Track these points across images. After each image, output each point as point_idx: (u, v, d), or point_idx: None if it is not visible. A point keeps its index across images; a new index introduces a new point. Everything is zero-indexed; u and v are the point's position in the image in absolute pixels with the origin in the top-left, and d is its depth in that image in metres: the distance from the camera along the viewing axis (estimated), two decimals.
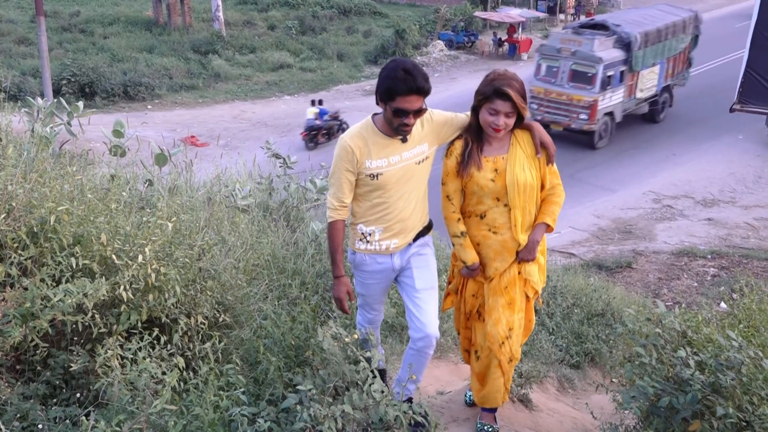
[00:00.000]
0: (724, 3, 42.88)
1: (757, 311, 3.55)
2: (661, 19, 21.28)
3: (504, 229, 3.67)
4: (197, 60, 30.15)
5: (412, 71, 3.34)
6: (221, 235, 4.18)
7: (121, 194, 3.65)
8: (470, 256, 3.74)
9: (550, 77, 20.19)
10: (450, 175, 3.69)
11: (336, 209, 3.58)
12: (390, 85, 3.35)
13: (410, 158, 3.61)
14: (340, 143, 3.56)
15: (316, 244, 5.51)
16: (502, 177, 3.59)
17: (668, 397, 2.86)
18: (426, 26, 34.68)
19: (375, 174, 3.53)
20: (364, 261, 3.72)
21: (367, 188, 3.59)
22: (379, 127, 3.55)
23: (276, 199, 6.44)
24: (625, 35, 19.53)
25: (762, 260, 12.99)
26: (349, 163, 3.51)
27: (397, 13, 40.50)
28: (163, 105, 25.65)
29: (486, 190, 3.61)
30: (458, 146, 3.66)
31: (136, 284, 3.09)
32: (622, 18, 21.70)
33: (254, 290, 3.98)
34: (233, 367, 2.97)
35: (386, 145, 3.54)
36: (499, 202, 3.64)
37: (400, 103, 3.36)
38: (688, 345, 3.05)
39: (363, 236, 3.67)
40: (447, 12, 35.37)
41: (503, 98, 3.45)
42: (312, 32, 35.72)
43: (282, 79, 29.10)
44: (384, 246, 3.68)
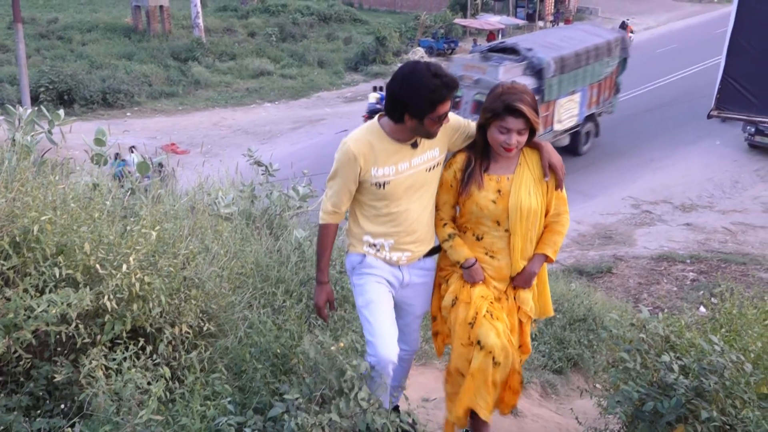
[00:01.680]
0: (700, 10, 43.54)
1: (737, 316, 3.59)
2: (582, 41, 19.28)
3: (502, 254, 3.35)
4: (177, 67, 30.09)
5: (440, 71, 3.05)
6: (205, 243, 4.16)
7: (104, 203, 3.63)
8: (463, 253, 3.37)
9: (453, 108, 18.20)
10: (444, 186, 3.39)
11: (330, 213, 3.32)
12: (431, 97, 3.02)
13: (420, 165, 3.28)
14: (342, 148, 3.21)
15: (299, 252, 5.50)
16: (504, 199, 3.26)
17: (653, 401, 2.90)
18: (406, 33, 34.87)
19: (382, 183, 3.20)
20: (375, 262, 3.35)
21: (372, 197, 3.27)
22: (387, 131, 3.21)
23: (259, 207, 6.42)
24: (537, 61, 17.58)
25: (740, 264, 13.15)
26: (352, 171, 3.18)
27: (377, 20, 40.70)
28: (142, 112, 25.54)
29: (486, 211, 3.28)
30: (459, 161, 3.36)
31: (120, 294, 3.07)
32: (536, 41, 19.51)
33: (239, 299, 3.97)
34: (219, 377, 2.96)
35: (395, 151, 3.21)
36: (499, 227, 3.31)
37: (441, 108, 3.07)
38: (671, 350, 3.09)
39: (371, 246, 3.35)
40: (427, 19, 35.57)
41: (515, 115, 3.12)
42: (292, 39, 35.79)
43: (262, 86, 29.10)
44: (395, 257, 3.36)
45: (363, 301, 3.33)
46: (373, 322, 3.25)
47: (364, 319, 3.31)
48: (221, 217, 4.97)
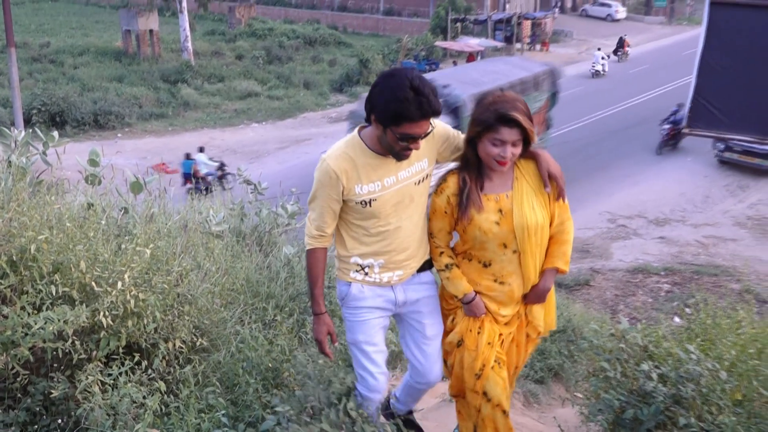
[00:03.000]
0: (670, 33, 44.11)
1: (712, 326, 3.63)
2: (507, 76, 17.57)
3: (512, 277, 3.00)
4: (167, 89, 30.04)
5: (423, 90, 2.67)
6: (197, 260, 4.16)
7: (99, 222, 3.62)
8: (461, 287, 3.04)
9: None
10: (437, 213, 3.03)
11: (315, 237, 2.98)
12: (397, 109, 2.67)
13: (408, 178, 2.93)
14: (321, 166, 2.88)
15: (288, 268, 5.49)
16: (508, 219, 2.91)
17: (633, 409, 2.93)
18: (389, 55, 35.01)
19: (367, 200, 2.87)
20: (361, 293, 3.03)
21: (358, 216, 2.95)
22: (369, 144, 2.88)
23: (248, 225, 6.42)
24: (453, 99, 15.80)
25: (712, 276, 13.25)
26: (333, 191, 2.86)
27: (360, 42, 40.90)
28: (133, 133, 25.45)
29: (490, 235, 2.92)
30: (452, 184, 2.98)
31: (115, 310, 3.06)
32: (456, 77, 17.69)
33: (230, 314, 3.96)
34: (213, 390, 2.95)
35: (378, 166, 2.88)
36: (507, 249, 2.95)
37: (408, 129, 2.71)
38: (649, 359, 3.12)
39: (360, 269, 3.02)
40: (409, 42, 35.76)
41: (510, 125, 2.81)
42: (279, 61, 35.85)
43: (250, 107, 29.10)
44: (386, 278, 3.03)
45: (351, 338, 3.12)
46: (363, 361, 3.09)
47: (354, 355, 3.14)
48: (212, 234, 4.96)
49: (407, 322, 3.18)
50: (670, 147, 21.59)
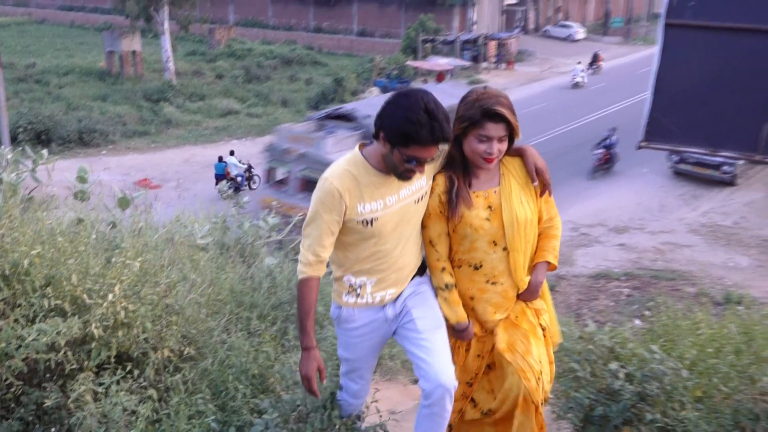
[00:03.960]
0: (626, 51, 44.75)
1: (672, 327, 3.69)
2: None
3: (504, 276, 2.84)
4: (149, 107, 29.85)
5: (437, 114, 2.49)
6: (183, 272, 4.13)
7: (90, 237, 3.59)
8: (456, 314, 2.84)
9: (282, 185, 15.41)
10: (433, 216, 2.82)
11: (310, 264, 2.68)
12: (409, 130, 2.49)
13: (408, 197, 2.74)
14: (323, 186, 2.66)
15: (270, 278, 5.48)
16: (497, 215, 2.77)
17: (602, 406, 2.97)
18: (362, 74, 35.14)
19: (369, 220, 2.66)
20: (351, 316, 2.82)
21: (357, 236, 2.72)
22: (372, 162, 2.69)
23: (231, 237, 6.39)
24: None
25: (669, 280, 13.42)
26: (335, 211, 2.63)
27: (335, 62, 41.04)
28: (116, 150, 25.21)
29: (481, 231, 2.77)
30: (440, 183, 2.81)
31: (106, 321, 3.03)
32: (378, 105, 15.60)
33: (216, 323, 3.94)
34: (202, 397, 2.93)
35: (381, 184, 2.68)
36: (497, 246, 2.79)
37: (415, 152, 2.53)
38: (616, 359, 3.16)
39: (352, 289, 2.79)
40: (381, 61, 35.93)
41: (495, 120, 2.67)
42: (257, 80, 35.81)
43: (230, 124, 28.99)
44: (378, 298, 2.80)
45: (341, 354, 2.96)
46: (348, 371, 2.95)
47: (341, 363, 2.99)
48: (198, 247, 4.93)
49: (401, 330, 2.86)
50: (603, 171, 21.12)
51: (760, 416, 2.71)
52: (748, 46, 5.65)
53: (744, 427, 2.77)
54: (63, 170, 5.60)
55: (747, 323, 3.46)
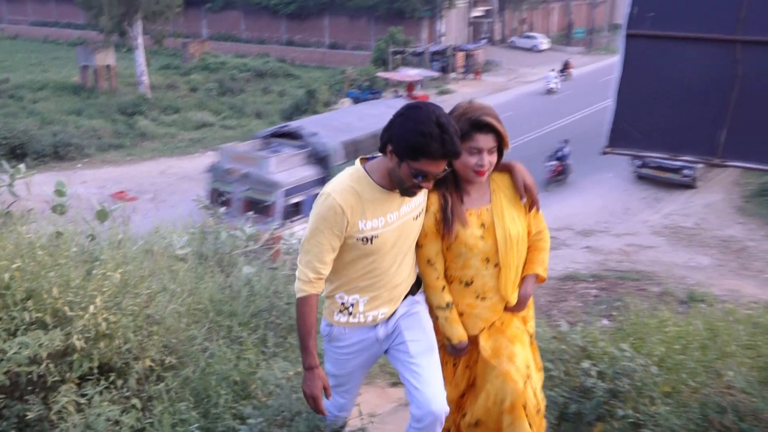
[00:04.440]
0: (589, 61, 45.30)
1: (641, 325, 3.73)
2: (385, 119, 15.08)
3: (493, 292, 2.77)
4: (124, 121, 29.51)
5: (448, 128, 2.39)
6: (163, 283, 4.09)
7: (70, 250, 3.54)
8: (457, 333, 2.76)
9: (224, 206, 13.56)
10: (429, 235, 2.73)
11: (310, 282, 2.57)
12: (419, 143, 2.38)
13: (408, 213, 2.64)
14: (325, 201, 2.53)
15: (249, 287, 5.45)
16: (490, 233, 2.71)
17: (576, 404, 2.99)
18: (334, 86, 35.12)
19: (369, 237, 2.56)
20: (342, 335, 2.71)
21: (355, 254, 2.61)
22: (375, 178, 2.58)
23: (209, 247, 6.34)
24: (321, 147, 14.03)
25: (635, 281, 13.58)
26: (337, 227, 2.52)
27: (308, 74, 40.97)
28: (92, 163, 24.87)
29: (475, 250, 2.70)
30: (434, 202, 2.72)
31: (87, 333, 2.99)
32: (328, 123, 15.76)
33: (197, 332, 3.90)
34: (186, 405, 2.90)
35: (383, 201, 2.58)
36: (489, 263, 2.74)
37: (425, 165, 2.42)
38: (588, 358, 3.19)
39: (344, 307, 2.68)
40: (353, 73, 35.97)
41: (484, 131, 2.61)
42: (231, 93, 35.61)
43: (205, 136, 28.76)
44: (370, 317, 2.69)
45: (329, 369, 2.82)
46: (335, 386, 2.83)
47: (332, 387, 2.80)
48: (177, 257, 4.89)
49: (393, 351, 2.76)
50: (556, 183, 21.00)
51: (727, 409, 2.76)
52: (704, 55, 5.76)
53: (712, 420, 2.81)
54: (39, 184, 5.51)
55: (711, 320, 3.51)
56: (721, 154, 5.71)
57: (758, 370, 2.88)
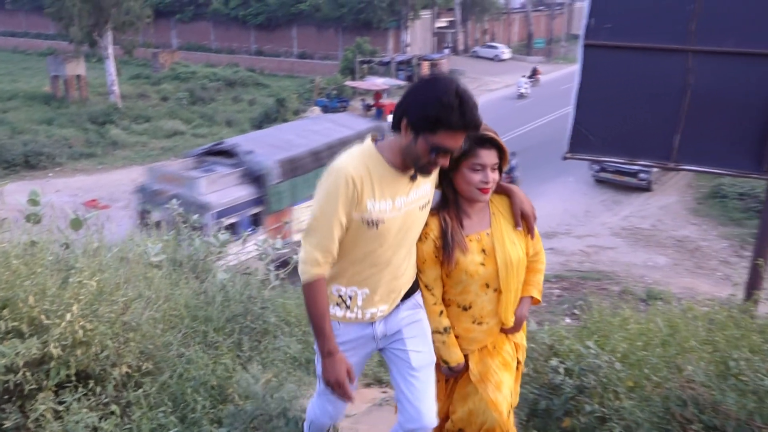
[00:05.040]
0: (550, 69, 45.82)
1: (604, 323, 3.77)
2: (326, 136, 14.37)
3: (490, 316, 2.64)
4: (95, 130, 29.04)
5: (468, 99, 2.21)
6: (139, 290, 4.03)
7: (45, 258, 3.46)
8: (455, 356, 2.65)
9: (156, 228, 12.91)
10: (428, 262, 2.58)
11: (318, 264, 2.34)
12: (438, 113, 2.19)
13: (415, 201, 2.43)
14: (337, 173, 2.30)
15: (223, 292, 5.39)
16: (491, 258, 2.56)
17: (545, 400, 3.01)
18: (304, 94, 35.05)
19: (376, 221, 2.33)
20: (336, 330, 2.45)
21: (357, 239, 2.38)
22: (387, 157, 2.36)
23: (183, 254, 6.27)
24: (256, 166, 12.98)
25: (596, 280, 13.76)
26: (349, 202, 2.30)
27: (277, 83, 40.80)
28: (64, 172, 24.42)
29: (476, 277, 2.56)
30: (434, 227, 2.56)
31: (64, 341, 2.93)
32: (266, 140, 14.49)
33: (173, 338, 3.85)
34: (164, 410, 2.86)
35: (393, 182, 2.36)
36: (488, 288, 2.60)
37: (444, 139, 2.22)
38: (555, 355, 3.22)
39: (341, 300, 2.46)
40: (321, 82, 35.92)
41: (487, 146, 2.47)
42: (202, 102, 35.28)
43: (176, 144, 28.43)
44: (368, 314, 2.47)
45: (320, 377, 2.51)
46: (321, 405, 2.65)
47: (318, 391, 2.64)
48: (152, 265, 4.82)
49: (391, 355, 2.59)
50: None
51: (688, 402, 2.80)
52: (658, 64, 5.88)
53: (673, 413, 2.85)
54: (11, 193, 5.39)
55: (670, 317, 3.57)
56: (675, 158, 5.83)
57: (716, 364, 2.93)
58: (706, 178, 19.85)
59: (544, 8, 61.40)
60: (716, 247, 15.99)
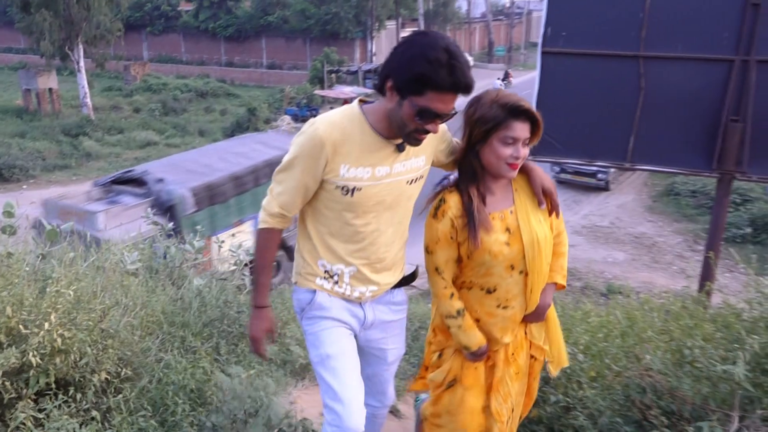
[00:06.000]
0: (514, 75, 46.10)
1: (566, 317, 3.83)
2: (251, 158, 12.69)
3: (516, 300, 2.40)
4: (68, 142, 28.48)
5: (458, 56, 1.92)
6: (116, 297, 3.98)
7: (22, 269, 3.40)
8: (475, 339, 2.40)
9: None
10: (441, 242, 2.32)
11: (274, 216, 2.18)
12: (425, 71, 1.91)
13: (402, 174, 2.18)
14: (308, 130, 2.07)
15: (200, 298, 5.35)
16: (516, 238, 2.31)
17: None
18: (274, 104, 34.87)
19: (350, 188, 2.10)
20: (327, 302, 2.25)
21: (333, 206, 2.16)
22: (371, 121, 2.11)
23: (159, 261, 6.19)
24: (166, 195, 11.17)
25: None
26: (314, 163, 2.07)
27: (248, 93, 40.52)
28: (38, 184, 23.92)
29: (500, 257, 2.30)
30: (453, 204, 2.31)
31: (43, 349, 2.88)
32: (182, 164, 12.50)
33: (151, 344, 3.81)
34: (144, 415, 2.82)
35: (375, 149, 2.11)
36: (514, 270, 2.35)
37: (431, 101, 1.95)
38: None
39: (328, 275, 2.25)
40: (291, 91, 35.78)
41: (521, 118, 2.21)
42: (174, 113, 34.89)
43: (150, 154, 28.01)
44: (357, 293, 2.27)
45: (318, 356, 2.24)
46: (334, 384, 2.17)
47: (321, 378, 2.23)
48: (128, 273, 4.76)
49: (367, 350, 2.42)
50: None
51: (647, 389, 2.85)
52: (612, 70, 6.00)
53: (633, 400, 2.90)
54: None
55: (629, 309, 3.63)
56: (631, 159, 5.95)
57: (672, 352, 2.99)
58: (660, 177, 20.20)
59: (503, 18, 61.99)
60: (671, 243, 16.28)
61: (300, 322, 2.35)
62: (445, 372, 2.51)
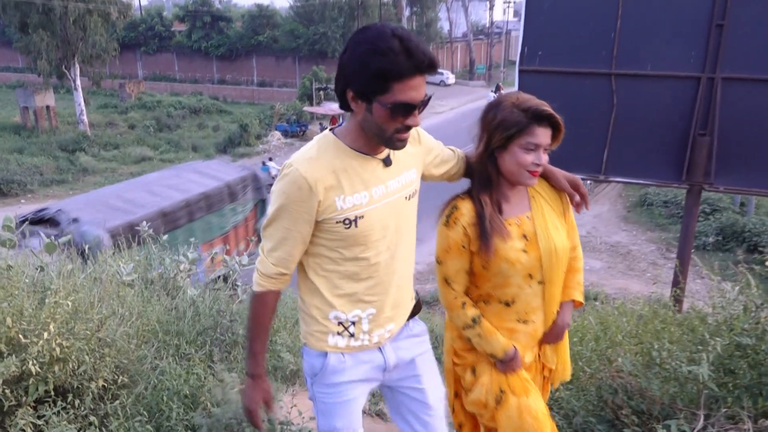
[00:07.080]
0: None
1: None
2: (185, 191, 11.65)
3: (536, 313, 2.18)
4: (65, 157, 28.36)
5: (410, 38, 1.68)
6: (113, 308, 3.99)
7: (22, 281, 3.40)
8: (499, 344, 2.15)
9: None
10: (453, 251, 2.14)
11: (271, 278, 1.88)
12: (381, 64, 1.66)
13: (398, 190, 1.93)
14: (290, 175, 1.79)
15: (193, 308, 5.35)
16: (534, 245, 2.10)
17: None
18: (265, 120, 34.87)
19: (352, 218, 1.83)
20: (342, 365, 1.97)
21: (337, 243, 1.87)
22: (348, 142, 1.85)
23: (154, 273, 6.19)
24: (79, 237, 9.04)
25: None
26: (305, 207, 1.79)
27: (239, 110, 40.52)
28: (35, 198, 23.75)
29: (518, 266, 2.09)
30: (465, 211, 2.12)
31: (42, 358, 2.89)
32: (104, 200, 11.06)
33: (147, 352, 3.81)
34: (140, 420, 2.83)
35: (363, 169, 1.85)
36: (532, 280, 2.13)
37: (400, 92, 1.69)
38: None
39: (343, 329, 1.94)
40: (281, 108, 35.83)
41: (544, 123, 2.04)
42: (168, 129, 34.81)
43: (144, 169, 27.91)
44: (376, 338, 1.98)
45: (327, 426, 2.03)
46: None
47: None
48: (124, 284, 4.76)
49: (401, 392, 2.12)
50: None
51: (618, 390, 2.89)
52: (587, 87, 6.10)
53: (606, 400, 2.94)
54: None
55: (603, 315, 3.68)
56: (605, 171, 6.03)
57: (642, 355, 3.03)
58: (634, 188, 20.38)
59: (483, 37, 62.48)
60: (645, 251, 16.42)
61: (308, 384, 2.09)
62: (492, 385, 2.21)
